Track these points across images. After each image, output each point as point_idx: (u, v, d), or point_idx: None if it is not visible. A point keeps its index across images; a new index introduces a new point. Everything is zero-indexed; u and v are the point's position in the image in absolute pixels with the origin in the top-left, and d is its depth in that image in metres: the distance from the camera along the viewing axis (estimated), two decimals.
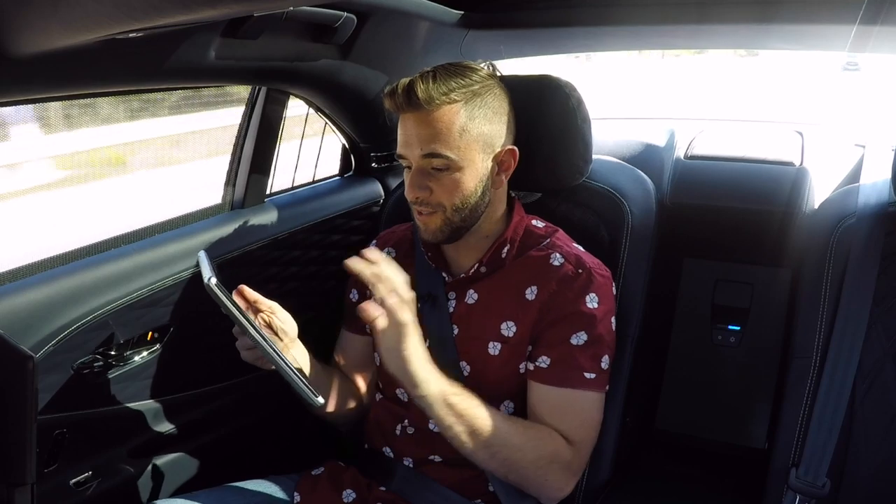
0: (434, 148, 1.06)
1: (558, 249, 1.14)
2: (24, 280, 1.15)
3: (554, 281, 1.11)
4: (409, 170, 1.10)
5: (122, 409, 1.29)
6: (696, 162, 1.72)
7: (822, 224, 1.25)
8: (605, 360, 1.11)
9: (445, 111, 1.05)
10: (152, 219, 1.38)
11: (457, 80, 1.06)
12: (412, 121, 1.07)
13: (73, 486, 1.23)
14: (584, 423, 1.11)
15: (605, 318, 1.11)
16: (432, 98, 1.04)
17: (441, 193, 1.08)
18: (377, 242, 1.30)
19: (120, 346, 1.27)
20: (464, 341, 1.14)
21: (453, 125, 1.05)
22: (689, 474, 1.61)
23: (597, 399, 1.12)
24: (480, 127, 1.08)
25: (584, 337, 1.09)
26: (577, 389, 1.09)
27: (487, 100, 1.08)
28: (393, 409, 1.21)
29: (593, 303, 1.10)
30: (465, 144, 1.07)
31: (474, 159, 1.08)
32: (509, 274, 1.15)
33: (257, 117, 1.48)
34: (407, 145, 1.08)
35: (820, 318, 1.18)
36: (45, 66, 0.90)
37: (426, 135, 1.06)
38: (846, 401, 1.12)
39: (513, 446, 1.04)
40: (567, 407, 1.10)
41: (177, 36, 1.04)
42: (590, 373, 1.09)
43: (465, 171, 1.08)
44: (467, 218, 1.11)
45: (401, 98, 1.05)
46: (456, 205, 1.09)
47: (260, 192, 1.52)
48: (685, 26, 1.47)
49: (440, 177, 1.08)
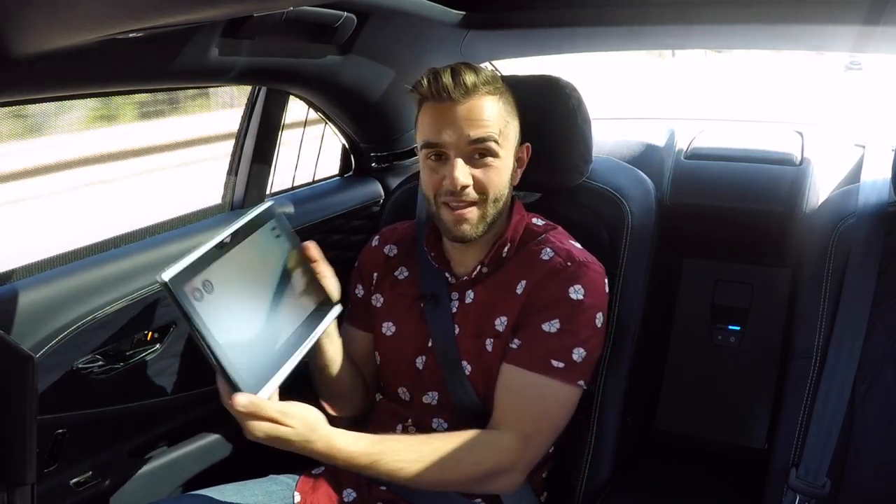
0: (484, 133, 1.06)
1: (551, 244, 1.14)
2: (24, 280, 1.15)
3: (541, 273, 1.11)
4: (439, 161, 1.09)
5: (122, 409, 1.29)
6: (696, 162, 1.72)
7: (822, 224, 1.25)
8: (578, 352, 1.07)
9: (490, 100, 1.08)
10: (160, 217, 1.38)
11: (489, 73, 1.09)
12: (453, 108, 1.06)
13: (73, 486, 1.23)
14: (541, 415, 1.08)
15: (588, 312, 1.09)
16: (477, 86, 1.06)
17: (485, 181, 1.08)
18: (379, 238, 1.30)
19: (120, 346, 1.27)
20: (464, 341, 1.14)
21: (499, 114, 1.08)
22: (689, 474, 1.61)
23: (561, 391, 1.08)
24: (513, 120, 1.12)
25: (557, 325, 1.08)
26: (540, 375, 1.06)
27: (509, 97, 1.12)
28: (395, 408, 1.21)
29: (577, 294, 1.09)
30: (506, 133, 1.10)
31: (510, 150, 1.11)
32: (506, 271, 1.15)
33: (257, 117, 1.48)
34: (448, 133, 1.07)
35: (820, 318, 1.18)
36: (45, 66, 0.90)
37: (474, 120, 1.06)
38: (846, 401, 1.12)
39: (453, 471, 1.03)
40: (528, 392, 1.07)
41: (177, 36, 1.04)
42: (558, 361, 1.07)
43: (503, 160, 1.10)
44: (500, 212, 1.12)
45: (447, 84, 1.05)
46: (496, 195, 1.10)
47: (260, 192, 1.52)
48: (686, 26, 1.47)
49: (484, 164, 1.08)
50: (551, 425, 1.09)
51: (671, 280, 1.76)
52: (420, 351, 1.18)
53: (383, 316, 1.22)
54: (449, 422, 1.16)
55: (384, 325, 1.22)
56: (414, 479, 1.00)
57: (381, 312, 1.23)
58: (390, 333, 1.21)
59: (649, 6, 1.42)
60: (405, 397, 1.20)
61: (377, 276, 1.25)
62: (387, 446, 0.99)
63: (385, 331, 1.21)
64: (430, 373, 1.17)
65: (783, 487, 1.14)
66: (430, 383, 1.17)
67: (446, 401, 1.16)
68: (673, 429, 1.77)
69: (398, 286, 1.23)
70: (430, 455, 1.01)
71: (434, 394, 1.17)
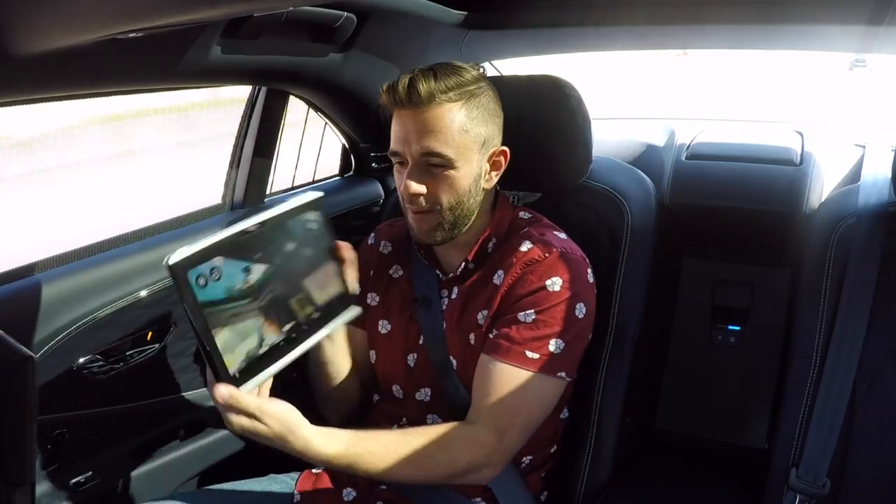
0: (434, 145, 1.06)
1: (530, 236, 1.13)
2: (24, 280, 1.15)
3: (519, 265, 1.10)
4: (402, 167, 1.10)
5: (122, 409, 1.29)
6: (696, 162, 1.72)
7: (822, 224, 1.25)
8: (555, 343, 1.06)
9: (446, 109, 1.05)
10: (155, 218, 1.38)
11: (456, 78, 1.06)
12: (411, 117, 1.06)
13: (73, 486, 1.23)
14: (515, 407, 1.07)
15: (567, 303, 1.08)
16: (434, 95, 1.04)
17: (437, 191, 1.08)
18: (375, 235, 1.30)
19: (120, 346, 1.27)
20: (450, 336, 1.15)
21: (454, 123, 1.06)
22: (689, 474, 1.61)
23: (538, 383, 1.06)
24: (478, 127, 1.08)
25: (532, 315, 1.07)
26: (514, 365, 1.06)
27: (482, 100, 1.09)
28: (390, 407, 1.21)
29: (555, 286, 1.08)
30: (463, 143, 1.07)
31: (471, 158, 1.09)
32: (488, 266, 1.15)
33: (257, 117, 1.48)
34: (404, 142, 1.08)
35: (820, 318, 1.18)
36: (45, 66, 0.90)
37: (426, 132, 1.05)
38: (846, 401, 1.12)
39: (429, 469, 1.03)
40: (501, 382, 1.06)
41: (177, 36, 1.04)
42: (532, 352, 1.06)
43: (461, 169, 1.08)
44: (460, 218, 1.11)
45: (401, 94, 1.05)
46: (451, 203, 1.09)
47: (260, 192, 1.52)
48: (687, 26, 1.47)
49: (437, 174, 1.08)
50: (528, 418, 1.08)
51: (671, 280, 1.76)
52: (411, 348, 1.18)
53: (379, 314, 1.23)
54: (443, 418, 1.16)
55: (380, 323, 1.22)
56: (390, 477, 1.02)
57: (376, 311, 1.23)
58: (385, 332, 1.21)
59: (650, 6, 1.42)
60: (399, 395, 1.20)
61: (373, 274, 1.25)
62: (363, 447, 0.99)
63: (381, 329, 1.22)
64: (422, 370, 1.17)
65: (783, 487, 1.14)
66: (422, 380, 1.18)
67: (439, 397, 1.16)
68: (673, 429, 1.77)
69: (393, 285, 1.23)
70: (405, 454, 1.01)
71: (427, 390, 1.17)
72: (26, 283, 1.15)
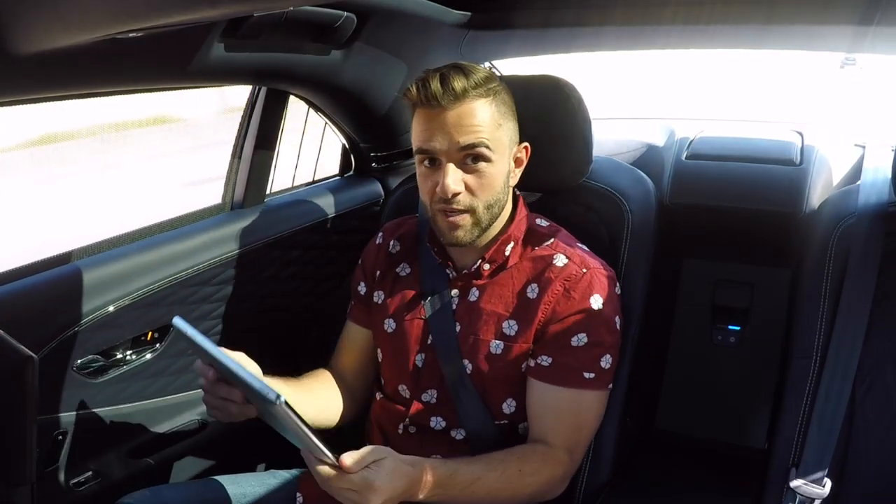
0: (474, 139, 1.05)
1: (562, 249, 1.14)
2: (24, 280, 1.15)
3: (558, 281, 1.11)
4: (433, 167, 1.08)
5: (122, 409, 1.29)
6: (696, 162, 1.72)
7: (822, 224, 1.25)
8: (605, 359, 1.11)
9: (481, 104, 1.06)
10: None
11: (483, 75, 1.07)
12: (444, 114, 1.05)
13: (73, 486, 1.23)
14: (580, 426, 1.12)
15: (609, 319, 1.11)
16: (467, 91, 1.04)
17: (475, 189, 1.08)
18: (383, 234, 1.29)
19: (120, 347, 1.27)
20: (465, 339, 1.14)
21: (491, 117, 1.07)
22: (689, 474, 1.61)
23: (595, 398, 1.12)
24: (507, 122, 1.10)
25: (585, 338, 1.09)
26: (574, 389, 1.09)
27: (505, 97, 1.11)
28: (394, 407, 1.21)
29: (597, 304, 1.10)
30: (498, 137, 1.08)
31: (504, 153, 1.10)
32: (512, 272, 1.15)
33: (257, 117, 1.48)
34: (439, 139, 1.05)
35: (820, 318, 1.18)
36: (45, 66, 0.90)
37: (465, 126, 1.05)
38: (846, 401, 1.12)
39: (514, 488, 1.06)
40: (564, 407, 1.10)
41: (177, 36, 1.04)
42: (589, 372, 1.10)
43: (497, 164, 1.08)
44: (494, 216, 1.12)
45: (435, 91, 1.03)
46: (489, 201, 1.09)
47: (260, 192, 1.52)
48: (686, 26, 1.47)
49: (473, 171, 1.07)
50: (590, 432, 1.15)
51: (671, 280, 1.76)
52: (420, 348, 1.18)
53: (385, 313, 1.22)
54: (447, 421, 1.16)
55: (385, 321, 1.22)
56: (485, 499, 1.04)
57: (382, 309, 1.23)
58: (391, 330, 1.21)
59: (649, 6, 1.42)
60: (405, 395, 1.20)
61: (379, 273, 1.25)
62: (468, 471, 1.02)
63: (386, 328, 1.22)
64: (430, 371, 1.17)
65: (783, 487, 1.14)
66: (429, 381, 1.17)
67: (445, 399, 1.16)
68: (673, 429, 1.77)
69: (400, 283, 1.23)
70: (501, 477, 1.04)
71: (433, 392, 1.17)
72: (26, 283, 1.15)
